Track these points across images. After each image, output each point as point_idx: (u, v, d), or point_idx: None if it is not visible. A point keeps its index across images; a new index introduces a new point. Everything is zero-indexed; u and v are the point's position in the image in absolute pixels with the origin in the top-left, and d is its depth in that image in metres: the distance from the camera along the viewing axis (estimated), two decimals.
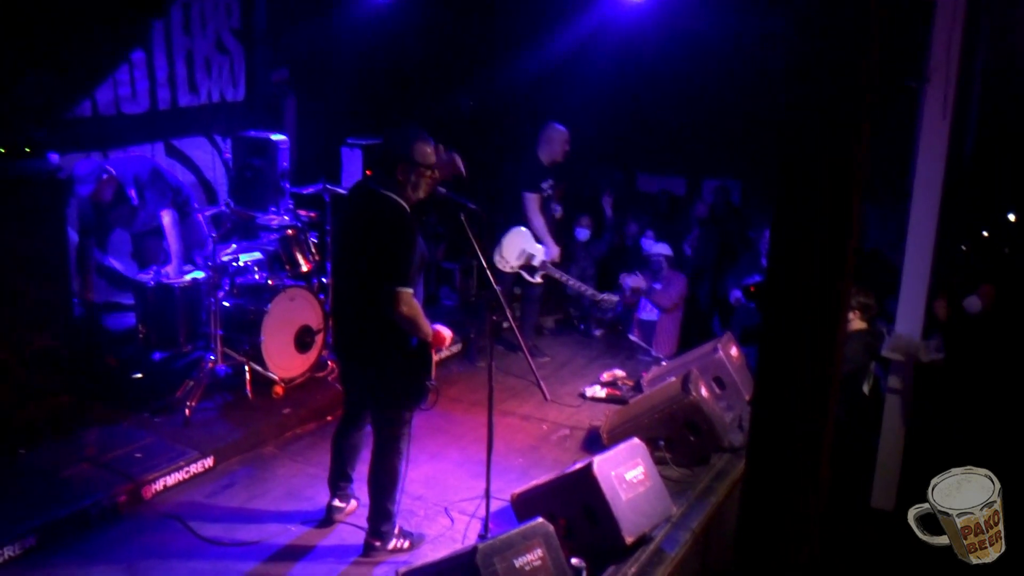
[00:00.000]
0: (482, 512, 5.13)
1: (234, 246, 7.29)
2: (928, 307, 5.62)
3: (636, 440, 5.40)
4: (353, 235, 4.79)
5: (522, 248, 7.74)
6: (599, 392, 7.50)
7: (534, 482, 5.34)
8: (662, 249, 8.66)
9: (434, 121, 8.66)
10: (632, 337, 8.71)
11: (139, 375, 6.89)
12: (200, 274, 6.93)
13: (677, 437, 6.04)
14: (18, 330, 5.90)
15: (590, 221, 9.46)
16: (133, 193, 6.75)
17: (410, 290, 4.61)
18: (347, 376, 5.23)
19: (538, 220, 7.86)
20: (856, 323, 6.15)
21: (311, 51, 9.45)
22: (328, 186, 7.37)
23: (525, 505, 5.16)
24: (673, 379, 6.38)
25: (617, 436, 6.03)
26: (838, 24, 1.94)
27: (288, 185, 7.81)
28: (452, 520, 5.52)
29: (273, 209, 7.66)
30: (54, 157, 6.39)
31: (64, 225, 6.40)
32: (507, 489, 5.49)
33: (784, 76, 1.99)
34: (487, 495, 5.06)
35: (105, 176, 6.59)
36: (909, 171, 5.60)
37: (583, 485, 4.94)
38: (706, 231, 9.64)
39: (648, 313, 8.61)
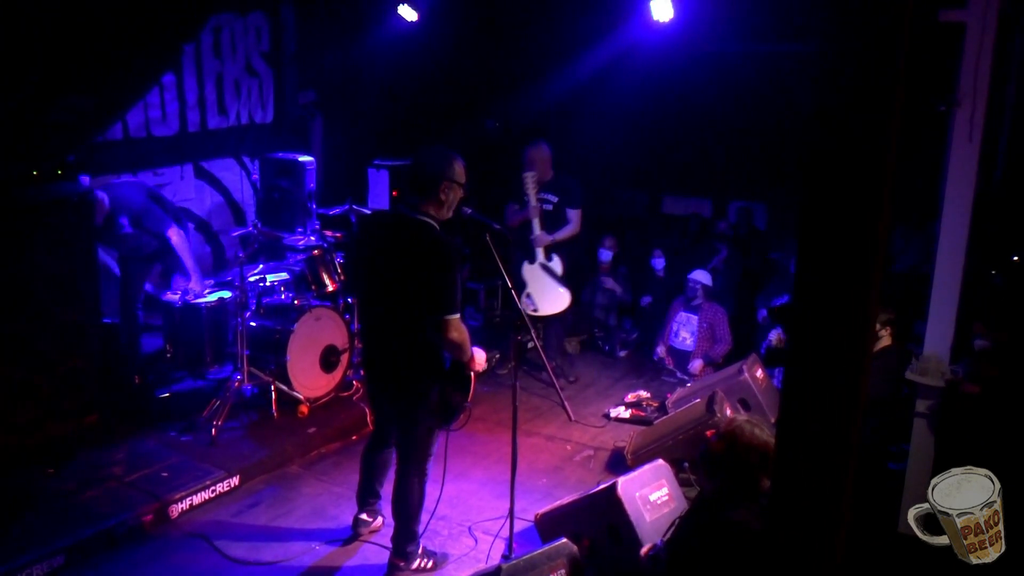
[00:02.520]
0: (506, 532, 5.10)
1: (261, 266, 7.35)
2: (957, 331, 5.55)
3: (661, 461, 5.35)
4: (388, 263, 4.69)
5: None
6: (623, 413, 7.46)
7: (558, 502, 5.32)
8: (700, 276, 8.44)
9: (460, 143, 8.69)
10: (656, 357, 8.65)
11: (166, 394, 6.95)
12: (227, 294, 6.97)
13: None
14: (47, 351, 5.94)
15: (614, 243, 9.42)
16: (125, 221, 6.75)
17: (459, 315, 4.60)
18: (377, 398, 5.22)
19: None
20: (885, 340, 6.10)
21: (339, 74, 9.54)
22: (355, 207, 7.42)
23: (549, 525, 5.14)
24: (698, 400, 6.35)
25: (642, 457, 6.02)
26: (865, 41, 1.93)
27: (315, 206, 7.87)
28: (476, 540, 5.50)
29: (300, 230, 7.72)
30: (85, 179, 6.46)
31: (95, 247, 6.44)
32: (531, 509, 5.51)
33: (810, 91, 1.98)
34: (511, 515, 5.03)
35: (95, 202, 6.57)
36: (939, 193, 5.55)
37: (607, 505, 4.91)
38: (732, 253, 9.56)
39: (682, 342, 8.50)
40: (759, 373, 6.87)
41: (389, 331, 4.73)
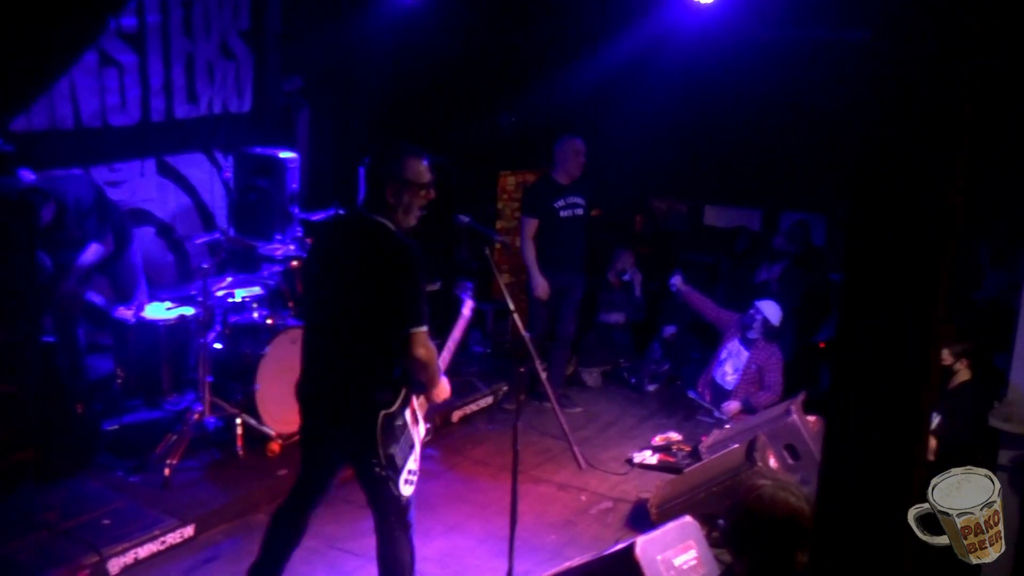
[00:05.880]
0: None
1: (229, 279, 7.24)
2: None
3: (688, 518, 5.30)
4: (341, 273, 4.61)
5: None
6: (649, 458, 7.35)
7: (567, 564, 5.25)
8: (768, 309, 8.09)
9: (469, 139, 8.63)
10: (692, 394, 8.52)
11: (114, 427, 6.87)
12: (189, 310, 6.89)
13: None
14: None
15: (629, 259, 9.26)
16: (71, 220, 6.66)
17: (426, 329, 4.45)
18: (320, 441, 4.90)
19: (527, 247, 8.03)
20: (962, 374, 5.99)
21: (329, 58, 9.52)
22: (342, 212, 7.31)
23: None
24: (736, 446, 6.28)
25: (668, 512, 5.94)
26: (929, 26, 1.81)
27: (297, 210, 7.79)
28: None
29: (278, 237, 7.63)
30: (27, 175, 6.39)
31: (35, 253, 6.36)
32: (535, 571, 5.45)
33: (865, 88, 1.86)
34: None
35: (41, 198, 6.42)
36: None
37: (623, 570, 4.82)
38: (791, 273, 9.32)
39: (722, 376, 8.30)
40: (811, 415, 6.75)
41: (341, 355, 4.58)
